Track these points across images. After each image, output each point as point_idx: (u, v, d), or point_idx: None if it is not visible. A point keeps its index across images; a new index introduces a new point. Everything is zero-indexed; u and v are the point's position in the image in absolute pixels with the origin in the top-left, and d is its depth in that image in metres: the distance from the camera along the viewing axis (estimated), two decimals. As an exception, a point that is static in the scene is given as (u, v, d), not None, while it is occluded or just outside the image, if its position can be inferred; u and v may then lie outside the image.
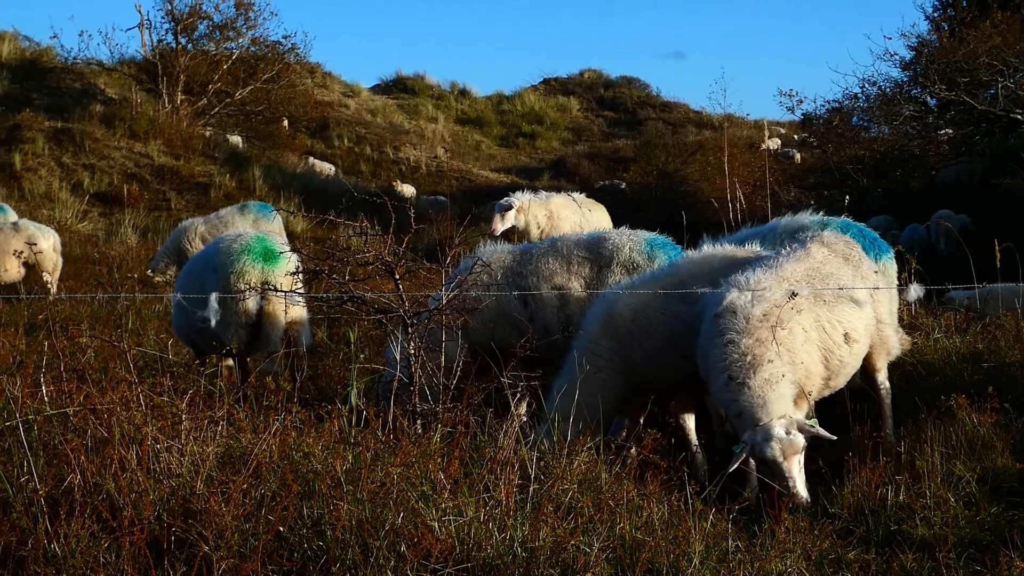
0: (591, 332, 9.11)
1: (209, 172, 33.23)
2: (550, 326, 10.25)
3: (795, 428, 7.63)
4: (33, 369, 7.32)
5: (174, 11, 38.49)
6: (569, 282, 10.36)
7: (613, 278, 10.22)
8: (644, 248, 10.38)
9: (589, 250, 10.49)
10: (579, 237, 10.83)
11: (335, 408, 7.20)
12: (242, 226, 19.74)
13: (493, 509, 6.14)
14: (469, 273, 9.79)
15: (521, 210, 19.38)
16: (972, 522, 7.24)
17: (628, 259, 10.33)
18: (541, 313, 10.29)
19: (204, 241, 20.01)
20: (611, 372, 8.90)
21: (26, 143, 32.02)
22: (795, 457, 7.62)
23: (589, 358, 8.87)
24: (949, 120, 30.68)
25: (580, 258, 10.42)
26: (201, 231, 20.31)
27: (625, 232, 10.67)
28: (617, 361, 8.92)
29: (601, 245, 10.51)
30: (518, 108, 54.75)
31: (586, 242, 10.60)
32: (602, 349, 8.96)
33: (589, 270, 10.36)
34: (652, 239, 10.58)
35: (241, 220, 20.26)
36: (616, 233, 10.66)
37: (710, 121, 50.28)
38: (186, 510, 5.91)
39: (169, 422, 6.74)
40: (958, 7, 33.27)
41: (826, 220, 10.42)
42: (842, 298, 8.55)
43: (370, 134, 44.18)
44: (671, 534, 6.37)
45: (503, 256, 10.77)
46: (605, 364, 8.90)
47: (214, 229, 20.12)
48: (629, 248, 10.39)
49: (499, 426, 7.35)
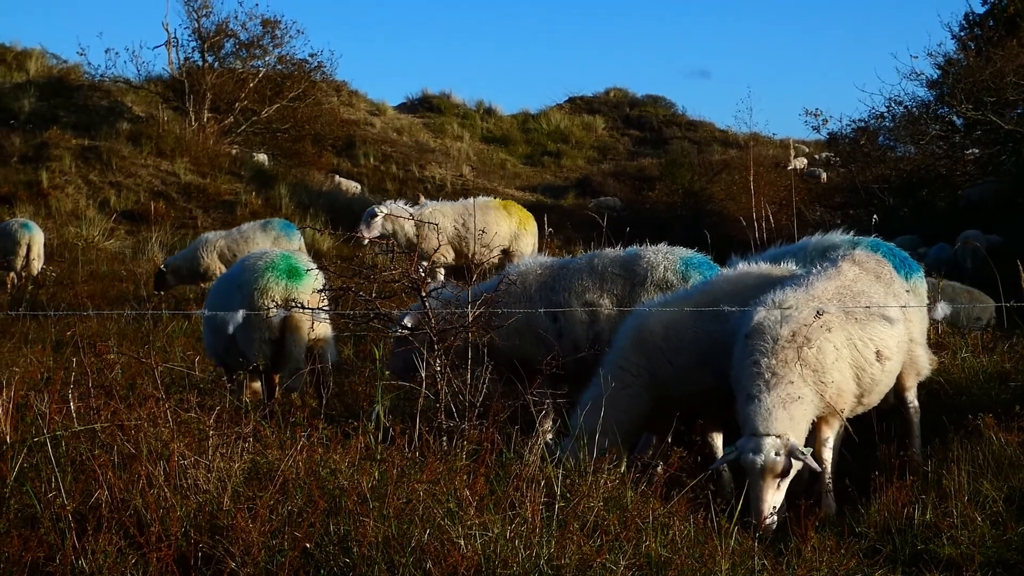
0: (622, 348, 9.12)
1: (235, 190, 33.29)
2: (578, 342, 10.25)
3: (785, 451, 7.62)
4: (61, 385, 7.34)
5: (201, 29, 38.57)
6: (601, 299, 10.36)
7: (647, 296, 10.21)
8: (679, 267, 10.36)
9: (624, 267, 10.48)
10: (616, 254, 10.81)
11: (361, 425, 7.22)
12: (263, 243, 19.79)
13: (519, 526, 6.14)
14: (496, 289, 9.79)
15: (387, 218, 19.50)
16: (999, 541, 7.20)
17: (662, 278, 10.31)
18: (570, 329, 10.28)
19: (222, 255, 20.11)
20: (639, 388, 8.91)
21: (53, 161, 32.11)
22: (773, 478, 7.61)
23: (618, 373, 8.88)
24: (975, 139, 30.56)
25: (613, 275, 10.41)
26: (220, 245, 20.34)
27: (662, 250, 10.64)
28: (646, 377, 8.93)
29: (636, 263, 10.49)
30: (543, 127, 54.68)
31: (621, 259, 10.60)
32: (632, 365, 8.96)
33: (622, 288, 10.35)
34: (688, 258, 10.55)
35: (263, 237, 20.27)
36: (652, 251, 10.63)
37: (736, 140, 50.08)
38: (213, 526, 5.92)
39: (196, 438, 6.76)
40: (985, 26, 33.16)
41: (856, 239, 10.41)
42: (874, 316, 8.54)
43: (396, 152, 44.18)
44: (697, 552, 6.37)
45: (537, 270, 10.79)
46: (634, 380, 8.91)
47: (234, 244, 20.20)
48: (664, 267, 10.37)
49: (525, 443, 7.35)
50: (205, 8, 38.47)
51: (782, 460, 7.59)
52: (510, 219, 19.82)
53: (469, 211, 19.64)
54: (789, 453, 7.63)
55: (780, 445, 7.62)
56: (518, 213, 20.44)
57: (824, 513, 8.01)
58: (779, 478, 7.63)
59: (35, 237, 21.74)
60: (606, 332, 10.12)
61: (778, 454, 7.58)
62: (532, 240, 20.38)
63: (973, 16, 34.72)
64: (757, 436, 7.68)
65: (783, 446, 7.62)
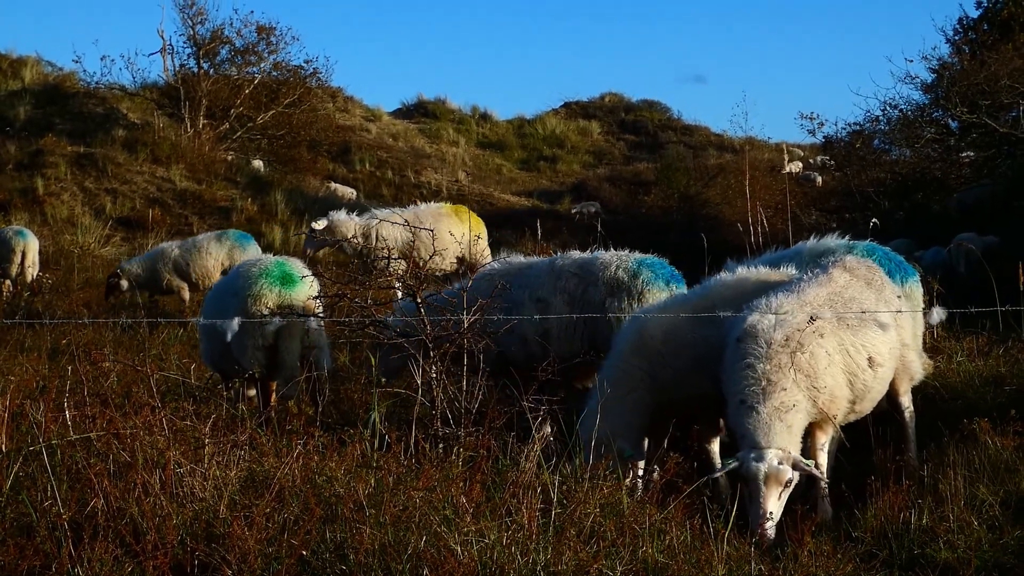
0: (622, 352, 9.14)
1: (231, 196, 33.31)
2: (527, 336, 10.34)
3: (788, 462, 7.62)
4: (56, 394, 7.35)
5: (196, 36, 38.63)
6: (552, 296, 10.51)
7: (598, 294, 10.44)
8: (631, 265, 10.49)
9: (580, 267, 10.65)
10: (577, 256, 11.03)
11: (357, 432, 7.22)
12: (217, 254, 19.89)
13: (516, 533, 6.15)
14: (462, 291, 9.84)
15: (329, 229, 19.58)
16: (995, 545, 7.19)
17: (613, 276, 10.43)
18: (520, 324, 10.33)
19: (176, 265, 20.05)
20: (643, 392, 8.92)
21: (49, 168, 32.13)
22: (776, 488, 7.59)
23: (622, 377, 8.91)
24: (970, 143, 30.57)
25: (569, 274, 10.53)
26: (175, 255, 20.23)
27: (620, 253, 10.74)
28: (648, 381, 8.94)
29: (592, 263, 10.70)
30: (539, 132, 54.72)
31: (580, 261, 10.80)
32: (634, 368, 8.98)
33: (575, 286, 10.49)
34: (642, 259, 10.65)
35: (217, 248, 20.16)
36: (610, 254, 10.79)
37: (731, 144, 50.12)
38: (209, 534, 5.93)
39: (192, 446, 6.77)
40: (979, 29, 33.20)
41: (852, 244, 10.41)
42: (866, 322, 8.54)
43: (391, 158, 44.17)
44: (694, 558, 6.37)
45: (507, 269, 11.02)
46: (638, 384, 8.92)
47: (188, 254, 20.12)
48: (616, 266, 10.52)
49: (521, 450, 7.35)
50: (200, 15, 38.60)
51: (787, 470, 7.59)
52: (462, 225, 19.54)
53: (420, 219, 19.31)
54: (793, 465, 7.62)
55: (783, 456, 7.61)
56: (470, 219, 20.25)
57: (820, 518, 8.00)
58: (782, 488, 7.62)
59: (30, 244, 21.74)
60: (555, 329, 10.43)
61: (781, 463, 7.58)
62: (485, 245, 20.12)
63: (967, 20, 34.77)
64: (759, 448, 7.68)
65: (786, 457, 7.62)
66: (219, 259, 19.96)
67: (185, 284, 20.08)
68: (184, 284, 20.08)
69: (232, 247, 20.17)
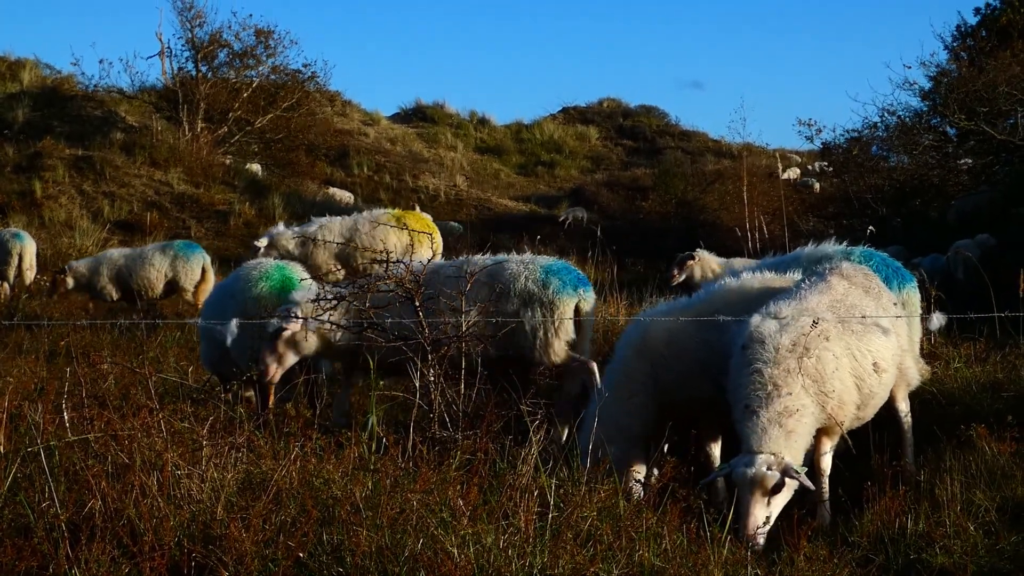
0: (625, 356, 9.16)
1: (229, 200, 33.34)
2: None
3: (779, 468, 7.57)
4: (55, 396, 7.35)
5: (194, 39, 38.66)
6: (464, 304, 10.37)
7: (511, 307, 10.37)
8: (539, 276, 10.47)
9: (490, 275, 10.50)
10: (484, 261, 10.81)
11: (355, 435, 7.22)
12: (160, 265, 19.69)
13: (512, 536, 6.15)
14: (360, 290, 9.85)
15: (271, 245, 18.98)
16: (992, 551, 7.20)
17: (524, 288, 10.38)
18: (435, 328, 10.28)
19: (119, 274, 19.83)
20: (646, 396, 8.94)
21: (47, 171, 32.16)
22: (762, 494, 7.55)
23: (624, 381, 8.93)
24: (969, 150, 30.61)
25: (479, 282, 10.34)
26: (120, 264, 20.01)
27: (525, 260, 10.73)
28: (651, 385, 8.95)
29: (501, 273, 10.58)
30: (537, 137, 54.77)
31: (489, 268, 10.59)
32: (637, 372, 9.00)
33: (487, 294, 10.31)
34: (548, 265, 10.63)
35: (161, 258, 19.97)
36: (516, 261, 10.72)
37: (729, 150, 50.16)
38: (206, 536, 5.93)
39: (190, 448, 6.77)
40: (977, 36, 33.25)
41: (849, 249, 10.42)
42: (869, 327, 8.54)
43: (389, 162, 44.21)
44: (690, 562, 6.37)
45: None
46: (641, 388, 8.94)
47: (132, 264, 19.94)
48: (525, 277, 10.47)
49: (518, 453, 7.35)
50: (199, 18, 38.64)
51: (773, 476, 7.55)
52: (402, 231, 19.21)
53: (358, 226, 19.28)
54: (783, 471, 7.59)
55: (773, 461, 7.59)
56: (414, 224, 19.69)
57: (818, 523, 7.99)
58: (769, 494, 7.58)
59: (27, 247, 21.75)
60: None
61: (770, 468, 7.55)
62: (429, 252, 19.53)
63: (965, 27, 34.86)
64: (751, 453, 7.68)
65: (776, 463, 7.59)
66: (162, 270, 19.76)
67: (118, 293, 19.92)
68: (117, 293, 19.92)
69: (176, 257, 19.89)
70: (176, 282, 19.87)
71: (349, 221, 19.43)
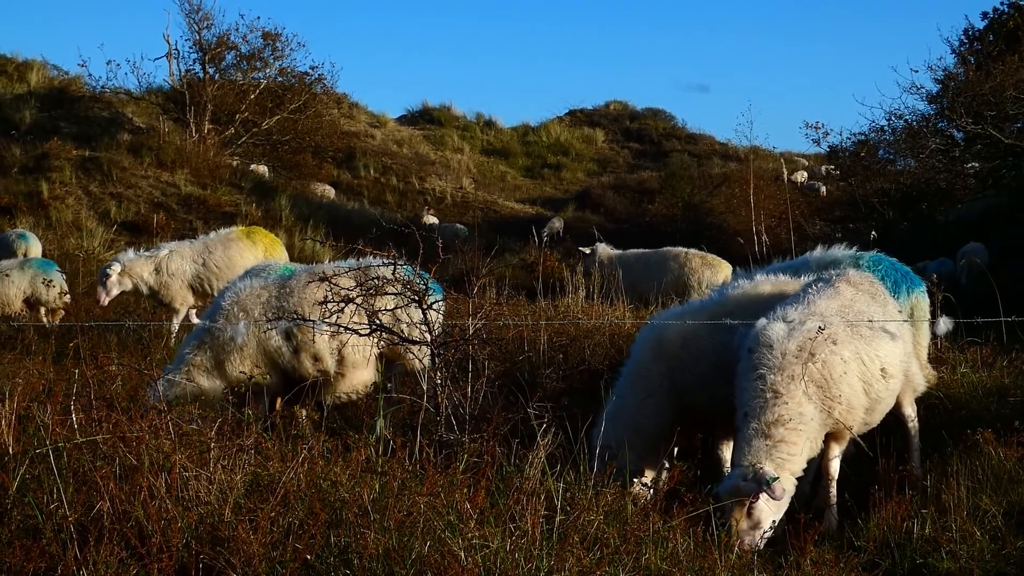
0: (641, 359, 9.16)
1: (236, 202, 33.37)
2: (319, 354, 10.27)
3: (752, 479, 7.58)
4: (63, 397, 7.36)
5: (202, 41, 38.70)
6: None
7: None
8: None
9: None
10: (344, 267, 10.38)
11: (362, 437, 7.23)
12: (19, 282, 18.78)
13: (519, 539, 6.15)
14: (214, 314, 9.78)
15: (124, 274, 17.99)
16: (998, 556, 7.20)
17: None
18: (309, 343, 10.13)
19: None
20: (662, 397, 8.94)
21: (54, 172, 32.19)
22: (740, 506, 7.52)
23: (640, 383, 8.94)
24: (975, 154, 30.62)
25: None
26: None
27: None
28: (667, 386, 8.96)
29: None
30: (543, 139, 54.79)
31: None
32: (653, 375, 9.01)
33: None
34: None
35: (20, 276, 18.92)
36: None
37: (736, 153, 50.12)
38: (214, 537, 5.94)
39: (198, 450, 6.77)
40: (984, 41, 33.26)
41: (859, 254, 10.42)
42: (877, 333, 8.55)
43: (396, 164, 44.24)
44: (696, 565, 6.38)
45: (257, 292, 10.66)
46: (657, 389, 8.94)
47: None
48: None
49: (525, 456, 7.36)
50: (206, 20, 38.68)
51: (748, 487, 7.54)
52: (255, 248, 18.66)
53: (209, 248, 18.59)
54: (756, 480, 7.56)
55: (749, 473, 7.59)
56: (263, 240, 19.22)
57: (825, 527, 7.99)
58: (747, 505, 7.55)
59: (32, 248, 21.70)
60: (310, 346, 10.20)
61: (744, 480, 7.56)
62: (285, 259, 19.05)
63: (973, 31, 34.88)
64: (734, 466, 7.74)
65: (752, 475, 7.58)
66: (21, 287, 18.98)
67: None
68: None
69: (35, 274, 18.95)
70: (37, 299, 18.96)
71: (199, 244, 18.76)
